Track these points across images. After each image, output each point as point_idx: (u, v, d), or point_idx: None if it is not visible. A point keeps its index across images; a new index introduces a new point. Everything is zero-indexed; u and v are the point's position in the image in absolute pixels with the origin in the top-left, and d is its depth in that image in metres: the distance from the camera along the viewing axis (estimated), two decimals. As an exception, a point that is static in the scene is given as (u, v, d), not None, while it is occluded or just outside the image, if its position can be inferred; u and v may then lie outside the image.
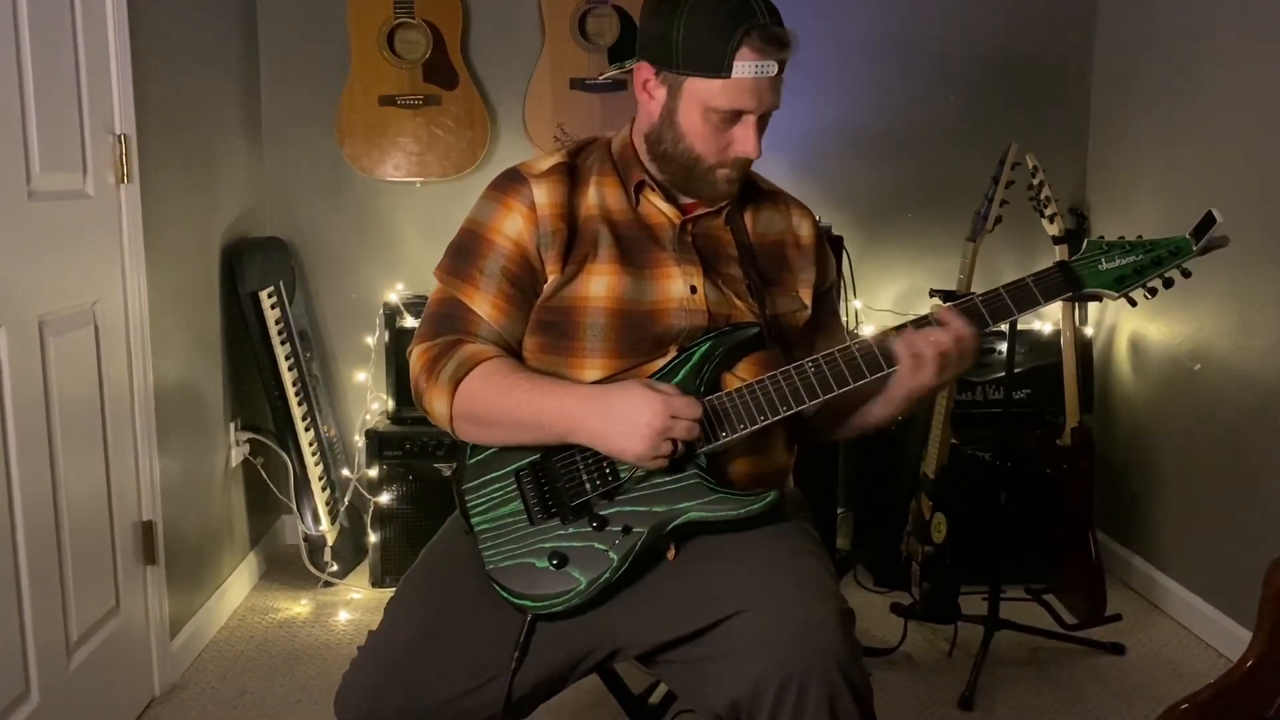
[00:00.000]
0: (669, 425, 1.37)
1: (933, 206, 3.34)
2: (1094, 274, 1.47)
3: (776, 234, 1.64)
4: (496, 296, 1.52)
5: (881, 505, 3.07)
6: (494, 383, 1.45)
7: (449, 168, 3.18)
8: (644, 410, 1.36)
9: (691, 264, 1.54)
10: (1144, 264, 1.46)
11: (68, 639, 2.08)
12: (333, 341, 3.39)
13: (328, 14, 3.18)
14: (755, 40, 1.44)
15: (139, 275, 2.34)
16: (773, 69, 1.46)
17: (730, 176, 1.54)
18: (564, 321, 1.51)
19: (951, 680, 2.53)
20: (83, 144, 2.15)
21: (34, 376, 1.98)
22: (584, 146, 1.63)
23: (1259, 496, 2.56)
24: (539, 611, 1.42)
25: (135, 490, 2.36)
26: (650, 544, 1.43)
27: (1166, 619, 2.88)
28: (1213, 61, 2.73)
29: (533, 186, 1.53)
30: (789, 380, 1.45)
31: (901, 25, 3.30)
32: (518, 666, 1.39)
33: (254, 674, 2.57)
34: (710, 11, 1.45)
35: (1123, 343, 3.15)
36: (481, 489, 1.49)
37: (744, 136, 1.50)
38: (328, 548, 3.06)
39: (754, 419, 1.44)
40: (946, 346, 1.44)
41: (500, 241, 1.53)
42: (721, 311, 1.54)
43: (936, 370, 1.44)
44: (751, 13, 1.45)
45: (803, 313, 1.62)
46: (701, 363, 1.48)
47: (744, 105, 1.47)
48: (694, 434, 1.39)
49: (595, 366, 1.50)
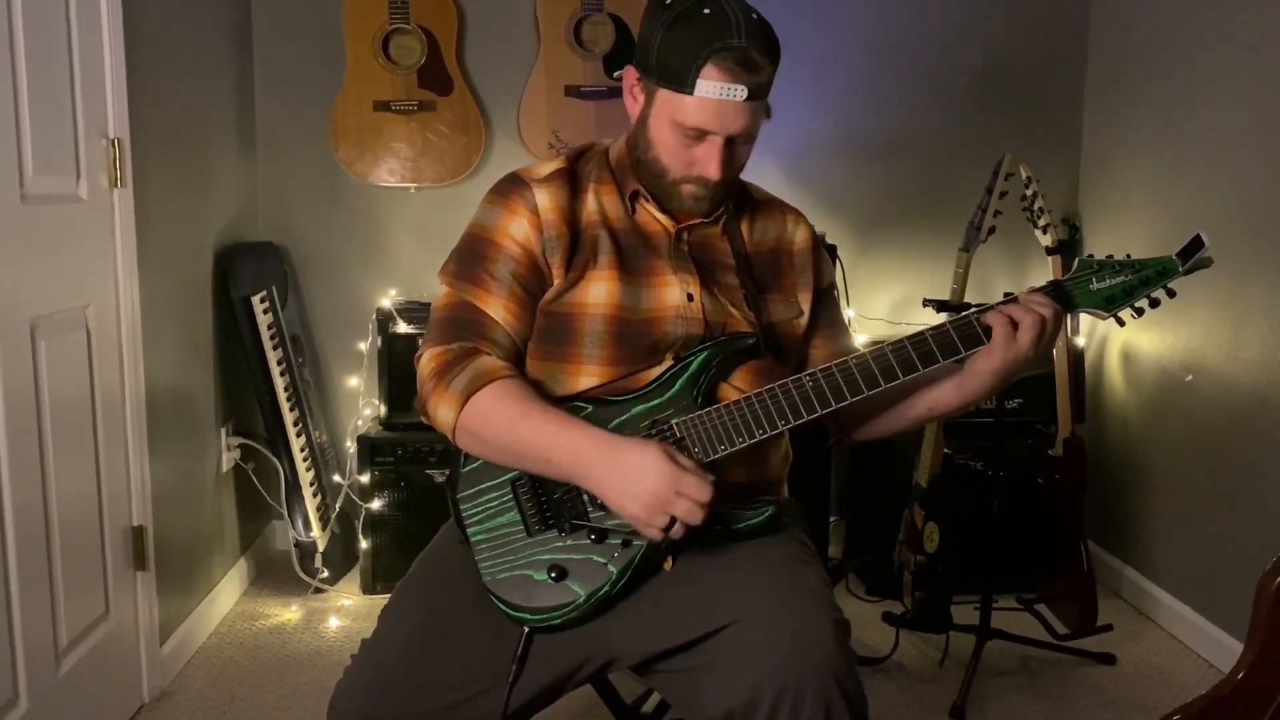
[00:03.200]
0: (671, 501, 1.33)
1: (926, 216, 3.35)
2: (1085, 293, 1.48)
3: (772, 241, 1.64)
4: (509, 300, 1.51)
5: (874, 514, 3.07)
6: (506, 407, 1.42)
7: (443, 173, 3.17)
8: (651, 476, 1.33)
9: (688, 272, 1.54)
10: (1132, 284, 1.47)
11: (57, 644, 2.07)
12: (325, 346, 3.38)
13: (322, 19, 3.18)
14: (723, 61, 1.41)
15: (131, 279, 2.33)
16: (740, 93, 1.43)
17: (696, 194, 1.52)
18: (562, 328, 1.50)
19: (943, 690, 2.53)
20: (76, 147, 2.14)
21: (25, 379, 1.97)
22: (583, 153, 1.62)
23: (1251, 507, 2.57)
24: (537, 625, 1.41)
25: (126, 495, 2.35)
26: (649, 556, 1.42)
27: (1158, 629, 2.88)
28: (1205, 73, 2.75)
29: (535, 191, 1.52)
30: (787, 394, 1.44)
31: (896, 35, 3.32)
32: (515, 679, 1.39)
33: (244, 680, 2.56)
34: (686, 25, 1.44)
35: (1115, 353, 3.16)
36: (477, 498, 1.48)
37: (706, 156, 1.48)
38: (318, 554, 3.05)
39: (752, 433, 1.43)
40: (1046, 314, 1.43)
41: (508, 245, 1.52)
42: (718, 320, 1.53)
43: (1034, 338, 1.42)
44: (725, 32, 1.41)
45: (800, 319, 1.62)
46: (699, 372, 1.47)
47: (706, 125, 1.45)
48: (695, 518, 1.34)
49: (591, 373, 1.49)
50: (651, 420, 1.45)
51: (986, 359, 1.45)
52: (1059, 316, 1.45)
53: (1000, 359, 1.44)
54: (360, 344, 3.29)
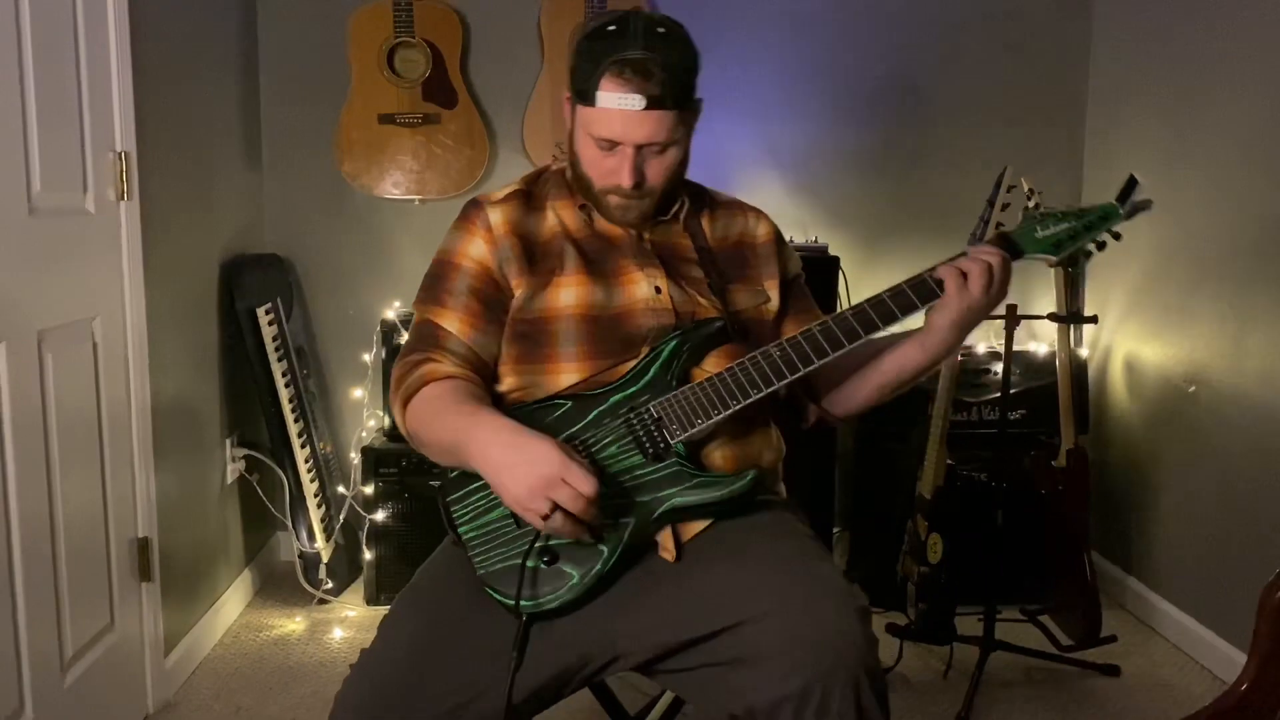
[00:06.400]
0: (554, 486, 1.34)
1: (929, 228, 3.35)
2: (1032, 241, 1.55)
3: (735, 236, 1.70)
4: (464, 312, 1.58)
5: (877, 525, 3.07)
6: (432, 405, 1.50)
7: (448, 186, 3.19)
8: (541, 463, 1.35)
9: (654, 267, 1.60)
10: (1077, 229, 1.55)
11: (62, 655, 2.08)
12: (330, 358, 3.39)
13: (328, 32, 3.20)
14: (620, 72, 1.47)
15: (138, 291, 2.35)
16: (637, 102, 1.47)
17: (620, 204, 1.57)
18: (537, 332, 1.56)
19: (947, 701, 2.53)
20: (83, 161, 2.16)
21: (32, 391, 1.98)
22: (539, 175, 1.69)
23: (1254, 518, 2.56)
24: (533, 610, 1.42)
25: (131, 506, 2.36)
26: (639, 533, 1.45)
27: (1161, 641, 2.88)
28: (1207, 85, 2.76)
29: (488, 211, 1.61)
30: (756, 365, 1.47)
31: (897, 47, 3.33)
32: (518, 665, 1.39)
33: (248, 691, 2.56)
34: (592, 41, 1.51)
35: (1118, 364, 3.16)
36: (466, 498, 1.51)
37: (617, 166, 1.53)
38: (323, 565, 3.06)
39: (726, 404, 1.46)
40: (993, 260, 1.48)
41: (465, 264, 1.60)
42: (686, 309, 1.58)
43: (984, 285, 1.47)
44: (623, 44, 1.47)
45: (768, 305, 1.66)
46: (671, 358, 1.51)
47: (611, 135, 1.51)
48: (577, 506, 1.35)
49: (571, 370, 1.54)
50: (629, 406, 1.49)
51: (942, 312, 1.50)
52: (1006, 263, 1.51)
53: (955, 309, 1.49)
54: (365, 355, 3.30)
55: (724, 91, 3.19)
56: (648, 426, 1.47)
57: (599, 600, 1.45)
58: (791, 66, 3.29)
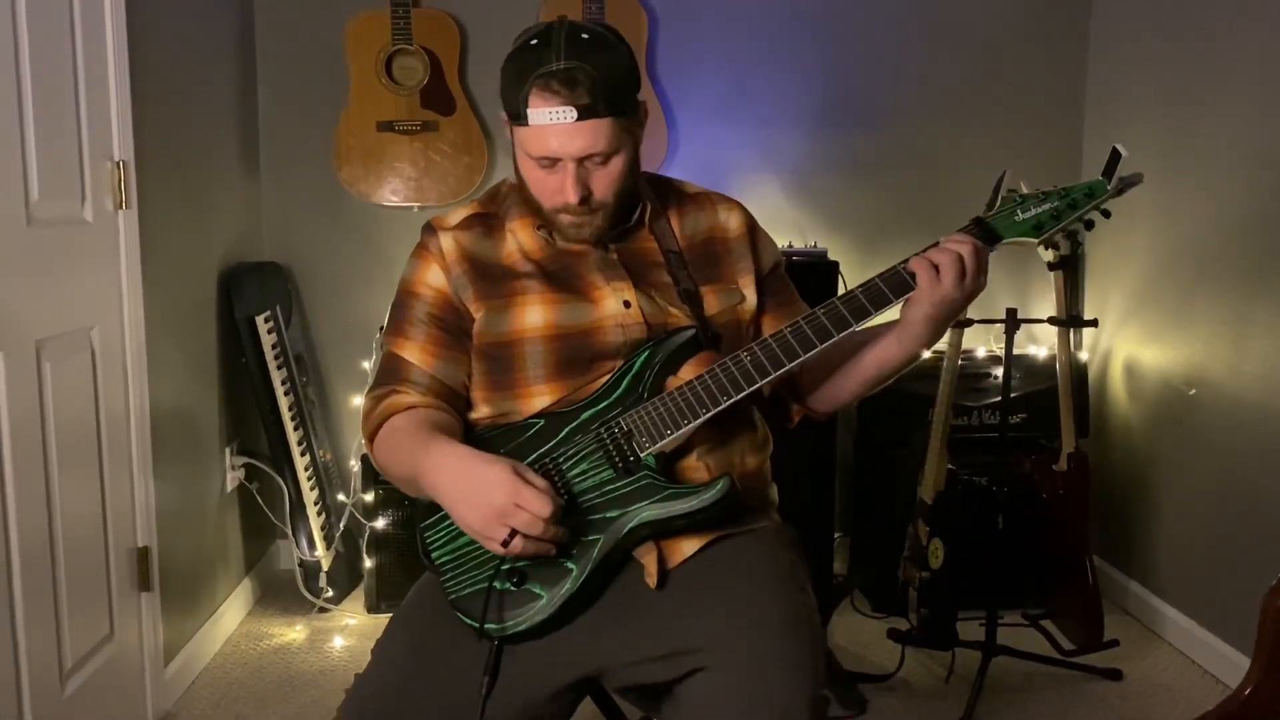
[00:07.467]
0: (509, 513, 1.34)
1: (928, 231, 3.33)
2: (1010, 225, 1.49)
3: (705, 232, 1.64)
4: (425, 341, 1.57)
5: (878, 530, 3.07)
6: (394, 437, 1.50)
7: (446, 193, 3.19)
8: (494, 490, 1.34)
9: (621, 280, 1.55)
10: (1060, 209, 1.48)
11: (61, 666, 2.07)
12: (329, 366, 3.39)
13: (326, 40, 3.20)
14: (545, 87, 1.43)
15: (136, 300, 2.34)
16: (569, 114, 1.43)
17: (574, 222, 1.52)
18: (504, 355, 1.53)
19: (949, 706, 2.52)
20: (81, 170, 2.16)
21: (30, 400, 1.98)
22: (497, 193, 1.65)
23: (1256, 521, 2.56)
24: (500, 634, 1.41)
25: (130, 515, 2.35)
26: (610, 550, 1.42)
27: (1164, 645, 2.87)
28: (1206, 88, 2.76)
29: (440, 236, 1.59)
30: (726, 371, 1.44)
31: (895, 50, 3.33)
32: (489, 690, 1.37)
33: (248, 701, 2.56)
34: (514, 59, 1.48)
35: (1118, 368, 3.16)
36: (438, 524, 1.50)
37: (560, 183, 1.48)
38: (323, 573, 3.05)
39: (695, 413, 1.43)
40: (964, 251, 1.42)
41: (423, 292, 1.59)
42: (658, 321, 1.54)
43: (956, 277, 1.42)
44: (546, 56, 1.44)
45: (743, 305, 1.61)
46: (643, 370, 1.49)
47: (548, 152, 1.46)
48: (535, 529, 1.34)
49: (542, 393, 1.52)
50: (600, 421, 1.47)
51: (916, 306, 1.45)
52: (979, 252, 1.44)
53: (929, 303, 1.44)
54: (364, 363, 3.29)
55: (721, 96, 3.20)
56: (618, 440, 1.45)
57: (582, 619, 1.43)
58: (789, 70, 3.29)
